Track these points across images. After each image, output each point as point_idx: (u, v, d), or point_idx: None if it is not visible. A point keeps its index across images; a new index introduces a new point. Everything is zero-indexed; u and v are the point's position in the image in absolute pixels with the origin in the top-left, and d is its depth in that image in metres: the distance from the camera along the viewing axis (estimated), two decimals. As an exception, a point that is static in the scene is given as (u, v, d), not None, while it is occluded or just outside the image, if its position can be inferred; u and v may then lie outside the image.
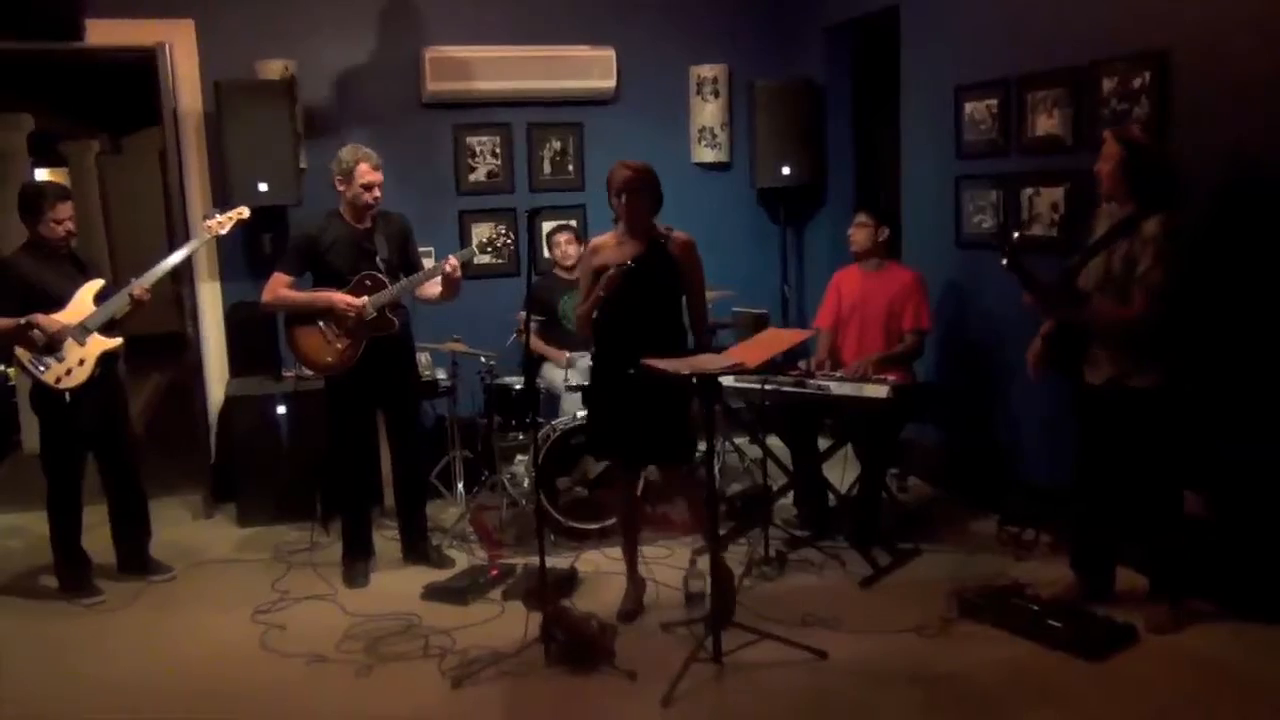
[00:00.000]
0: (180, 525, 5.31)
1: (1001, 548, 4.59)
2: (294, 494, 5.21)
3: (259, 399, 5.35)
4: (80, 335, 4.26)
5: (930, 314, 4.86)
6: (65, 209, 4.32)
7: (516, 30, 6.11)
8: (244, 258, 5.77)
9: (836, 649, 3.64)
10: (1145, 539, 3.88)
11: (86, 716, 3.51)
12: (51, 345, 4.20)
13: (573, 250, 5.63)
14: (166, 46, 5.43)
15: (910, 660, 3.62)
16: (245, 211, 4.64)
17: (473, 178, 6.19)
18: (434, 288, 4.48)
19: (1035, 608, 3.79)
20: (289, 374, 5.41)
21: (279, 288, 4.39)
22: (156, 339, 7.74)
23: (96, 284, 4.38)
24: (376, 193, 4.36)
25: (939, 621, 3.87)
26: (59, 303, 4.26)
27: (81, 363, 4.26)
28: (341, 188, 4.37)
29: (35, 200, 4.31)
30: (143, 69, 5.69)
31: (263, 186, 5.27)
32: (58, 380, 4.22)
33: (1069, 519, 4.14)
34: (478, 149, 6.18)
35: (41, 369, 4.21)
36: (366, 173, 4.31)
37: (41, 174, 12.87)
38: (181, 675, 3.72)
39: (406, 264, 4.52)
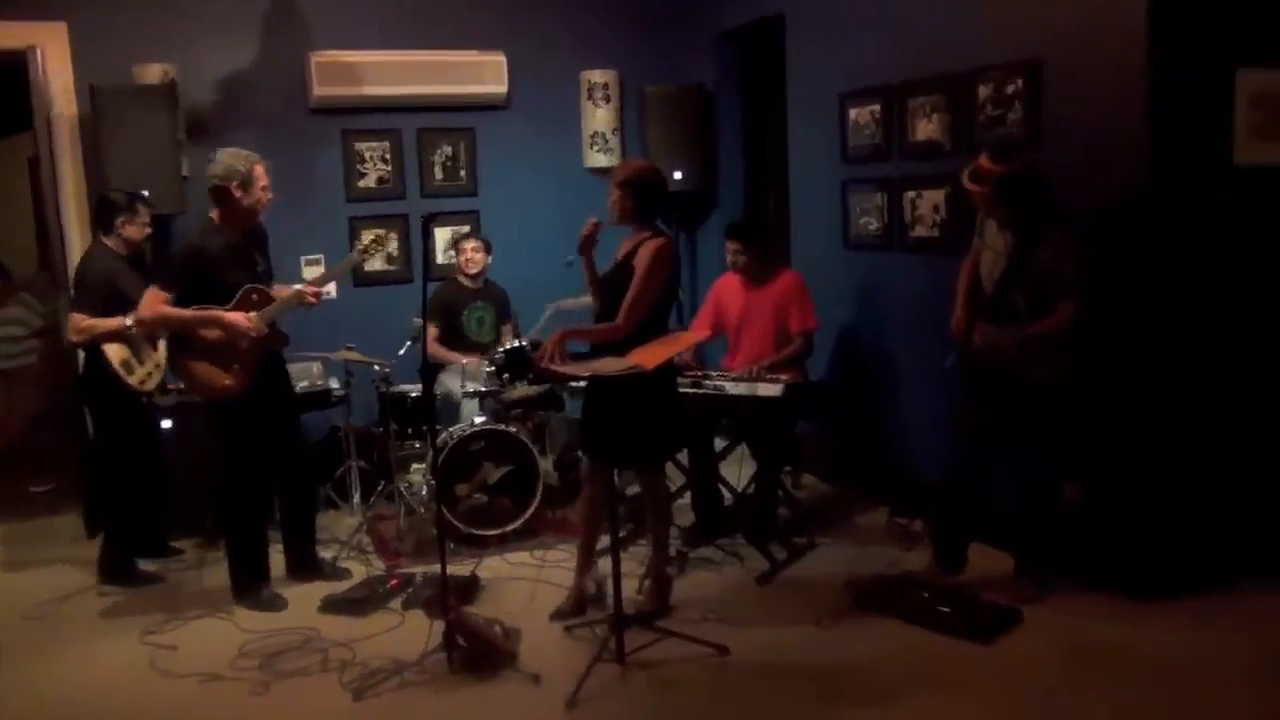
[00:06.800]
0: (59, 549, 5.08)
1: (891, 539, 4.74)
2: (179, 511, 5.03)
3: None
4: (154, 342, 4.40)
5: (815, 312, 4.91)
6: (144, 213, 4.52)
7: (405, 35, 6.06)
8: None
9: (737, 644, 3.71)
10: (1019, 519, 4.07)
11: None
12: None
13: (479, 259, 5.56)
14: (38, 50, 5.24)
15: (809, 651, 3.71)
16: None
17: (362, 184, 6.10)
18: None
19: (925, 595, 3.93)
20: (172, 387, 5.24)
21: (158, 305, 4.01)
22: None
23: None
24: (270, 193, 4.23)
25: (835, 613, 3.97)
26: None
27: (158, 366, 4.38)
28: (239, 194, 4.08)
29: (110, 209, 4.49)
30: (12, 72, 5.47)
31: (144, 194, 5.10)
32: (141, 383, 4.28)
33: (937, 501, 4.34)
34: (367, 155, 6.10)
35: (131, 373, 4.28)
36: (263, 175, 4.14)
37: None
38: (69, 705, 3.57)
39: (269, 271, 4.35)
